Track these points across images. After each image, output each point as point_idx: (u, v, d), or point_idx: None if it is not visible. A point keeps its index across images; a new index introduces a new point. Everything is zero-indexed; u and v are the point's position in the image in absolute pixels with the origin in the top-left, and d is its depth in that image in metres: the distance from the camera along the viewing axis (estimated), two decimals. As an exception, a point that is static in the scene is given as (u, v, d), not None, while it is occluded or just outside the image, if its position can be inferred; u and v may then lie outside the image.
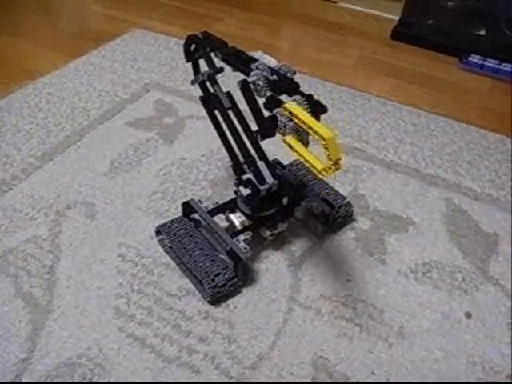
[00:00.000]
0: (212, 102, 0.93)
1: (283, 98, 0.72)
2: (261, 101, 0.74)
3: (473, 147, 1.31)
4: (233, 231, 0.91)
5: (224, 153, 1.16)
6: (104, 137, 1.24)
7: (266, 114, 0.73)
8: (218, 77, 0.90)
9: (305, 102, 0.66)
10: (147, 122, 1.31)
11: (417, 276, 0.95)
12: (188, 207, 0.95)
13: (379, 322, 0.86)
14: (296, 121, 0.65)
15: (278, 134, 0.74)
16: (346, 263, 0.96)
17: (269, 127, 0.69)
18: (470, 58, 1.66)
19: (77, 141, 1.23)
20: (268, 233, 0.93)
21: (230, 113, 0.90)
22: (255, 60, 0.76)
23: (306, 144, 0.69)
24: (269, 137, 0.72)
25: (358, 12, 2.04)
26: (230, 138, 0.93)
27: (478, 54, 1.68)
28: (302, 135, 0.68)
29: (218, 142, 0.97)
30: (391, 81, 1.60)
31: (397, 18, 1.96)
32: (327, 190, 1.03)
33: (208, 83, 0.92)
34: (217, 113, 0.95)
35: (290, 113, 0.66)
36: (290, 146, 0.69)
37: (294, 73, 0.74)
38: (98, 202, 1.06)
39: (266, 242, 0.96)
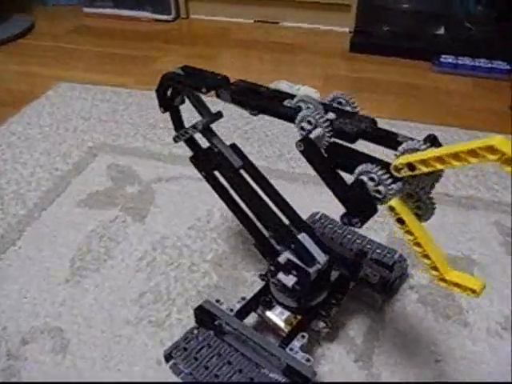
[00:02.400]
0: (210, 161, 0.67)
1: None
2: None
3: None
4: (280, 336, 0.64)
5: (216, 220, 0.90)
6: (52, 227, 0.94)
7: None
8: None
9: (423, 145, 0.42)
10: (105, 196, 1.01)
11: (512, 333, 0.73)
12: (204, 313, 0.67)
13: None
14: (423, 169, 0.41)
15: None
16: (424, 337, 0.73)
17: (362, 201, 0.44)
18: (441, 60, 1.52)
19: (15, 239, 0.91)
20: (322, 324, 0.68)
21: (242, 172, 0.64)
22: (289, 95, 0.51)
23: (425, 218, 0.45)
24: (370, 216, 0.47)
25: (304, 29, 1.87)
26: (245, 206, 0.67)
27: (444, 53, 1.55)
28: (423, 203, 0.43)
29: (204, 206, 0.71)
30: (370, 96, 1.42)
31: (347, 29, 1.81)
32: (371, 246, 0.79)
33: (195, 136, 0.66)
34: (217, 174, 0.68)
35: (411, 167, 0.41)
36: (399, 221, 0.44)
37: (354, 104, 0.50)
38: (67, 326, 0.75)
39: (320, 336, 0.70)
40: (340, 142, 0.47)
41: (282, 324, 0.65)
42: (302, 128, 0.46)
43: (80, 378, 0.67)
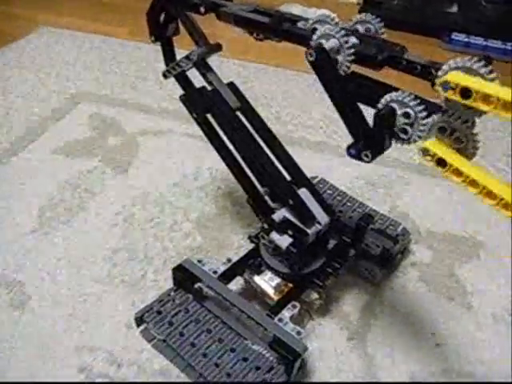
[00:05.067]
0: (204, 101, 0.58)
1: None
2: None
3: (505, 135, 1.07)
4: (268, 305, 0.57)
5: (205, 178, 0.82)
6: (22, 174, 0.85)
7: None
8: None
9: (483, 68, 0.34)
10: (84, 145, 0.92)
11: (519, 320, 0.67)
12: (184, 274, 0.59)
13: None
14: (482, 107, 0.33)
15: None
16: (424, 318, 0.66)
17: (377, 133, 0.36)
18: (453, 37, 1.44)
19: (-19, 184, 0.82)
20: (315, 295, 0.60)
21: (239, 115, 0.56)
22: (303, 18, 0.43)
23: (472, 154, 0.37)
24: (382, 151, 0.39)
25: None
26: (239, 157, 0.58)
27: (454, 31, 1.47)
28: (463, 135, 0.35)
29: (192, 163, 0.63)
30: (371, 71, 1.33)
31: (354, 0, 1.71)
32: (372, 215, 0.72)
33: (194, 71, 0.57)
34: (211, 118, 0.60)
35: (464, 92, 0.33)
36: (438, 162, 0.36)
37: (381, 29, 0.41)
38: (29, 279, 0.67)
39: (312, 309, 0.62)
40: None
41: (271, 291, 0.58)
42: (320, 44, 0.38)
43: (38, 338, 0.59)
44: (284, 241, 0.54)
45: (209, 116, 0.59)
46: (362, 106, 0.43)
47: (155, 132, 0.97)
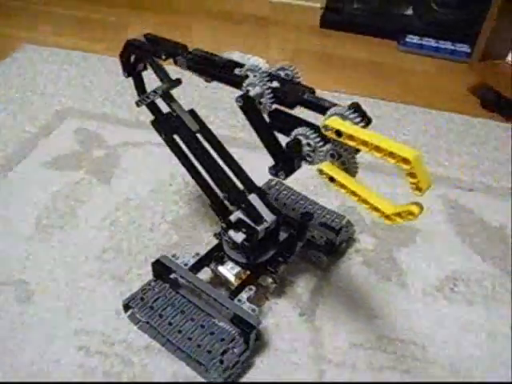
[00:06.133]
0: (170, 125, 0.70)
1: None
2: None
3: (445, 133, 1.21)
4: (229, 289, 0.70)
5: (179, 183, 0.95)
6: (18, 187, 0.96)
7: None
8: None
9: (352, 115, 0.47)
10: (71, 158, 1.04)
11: (445, 294, 0.81)
12: (161, 267, 0.72)
13: (426, 361, 0.71)
14: (349, 143, 0.46)
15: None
16: (365, 296, 0.80)
17: (290, 157, 0.49)
18: (407, 39, 1.57)
19: (-19, 198, 0.93)
20: (270, 280, 0.73)
21: (199, 137, 0.68)
22: (240, 64, 0.55)
23: (353, 173, 0.50)
24: (293, 171, 0.52)
25: (277, 3, 1.88)
26: (201, 168, 0.71)
27: (411, 33, 1.60)
28: (346, 159, 0.49)
29: (167, 170, 0.74)
30: (336, 72, 1.46)
31: (318, 5, 1.83)
32: (321, 211, 0.85)
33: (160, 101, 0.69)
34: (177, 138, 0.72)
35: (338, 133, 0.46)
36: (330, 179, 0.49)
37: (297, 74, 0.54)
38: (32, 278, 0.79)
39: (268, 291, 0.75)
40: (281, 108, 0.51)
41: (232, 278, 0.71)
42: (247, 91, 0.50)
43: (43, 325, 0.72)
44: (239, 237, 0.66)
45: (175, 136, 0.71)
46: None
47: (134, 143, 1.09)
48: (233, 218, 0.66)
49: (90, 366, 0.67)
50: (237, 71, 0.53)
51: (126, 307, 0.72)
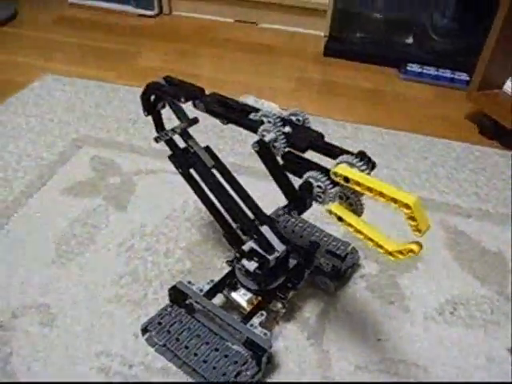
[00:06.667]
0: (186, 160, 0.76)
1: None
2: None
3: (444, 160, 1.26)
4: (241, 313, 0.74)
5: (191, 210, 1.00)
6: (38, 213, 1.01)
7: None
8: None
9: (359, 162, 0.52)
10: (88, 185, 1.09)
11: (445, 318, 0.85)
12: (177, 293, 0.76)
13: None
14: (355, 188, 0.51)
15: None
16: (369, 320, 0.84)
17: (303, 198, 0.54)
18: (408, 68, 1.63)
19: (3, 224, 0.98)
20: (279, 305, 0.78)
21: (214, 171, 0.74)
22: (254, 109, 0.61)
23: (359, 213, 0.55)
24: (305, 210, 0.57)
25: (281, 31, 1.96)
26: (216, 200, 0.76)
27: (411, 62, 1.66)
28: (353, 201, 0.54)
29: (180, 198, 0.79)
30: (339, 99, 1.52)
31: (322, 34, 1.90)
32: (327, 238, 0.90)
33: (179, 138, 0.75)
34: (193, 172, 0.77)
35: (346, 179, 0.51)
36: (339, 219, 0.54)
37: (307, 120, 0.59)
38: (53, 302, 0.83)
39: (278, 316, 0.80)
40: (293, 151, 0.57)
41: (244, 303, 0.75)
42: (263, 136, 0.56)
43: (65, 348, 0.76)
44: (252, 265, 0.71)
45: (191, 170, 0.76)
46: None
47: (148, 171, 1.14)
48: (246, 247, 0.71)
49: (111, 387, 0.71)
50: (252, 116, 0.59)
51: (144, 331, 0.76)
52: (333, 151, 0.54)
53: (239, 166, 1.16)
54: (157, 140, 0.76)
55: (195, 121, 0.72)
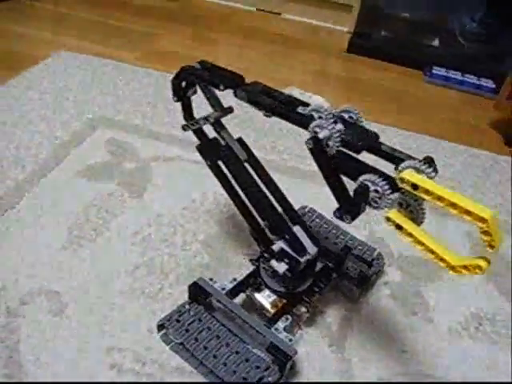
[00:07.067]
0: (215, 152, 0.72)
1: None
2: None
3: (470, 168, 1.22)
4: (264, 316, 0.70)
5: (210, 202, 0.96)
6: (51, 195, 0.97)
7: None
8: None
9: (427, 169, 0.48)
10: (103, 169, 1.05)
11: (470, 333, 0.82)
12: (198, 290, 0.72)
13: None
14: (423, 196, 0.47)
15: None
16: (392, 330, 0.80)
17: (358, 202, 0.50)
18: (433, 71, 1.59)
19: (14, 204, 0.94)
20: (303, 309, 0.74)
21: (246, 165, 0.69)
22: (302, 102, 0.56)
23: (419, 222, 0.51)
24: (358, 215, 0.53)
25: (304, 24, 1.91)
26: (245, 197, 0.72)
27: (436, 65, 1.62)
28: (415, 209, 0.50)
29: (199, 189, 0.75)
30: (360, 97, 1.48)
31: (345, 29, 1.86)
32: (352, 241, 0.86)
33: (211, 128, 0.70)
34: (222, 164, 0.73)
35: (414, 186, 0.47)
36: (397, 227, 0.50)
37: (360, 118, 0.55)
38: (64, 290, 0.79)
39: (301, 320, 0.76)
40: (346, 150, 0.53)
41: (268, 306, 0.71)
42: (316, 132, 0.52)
43: (76, 339, 0.72)
44: (281, 267, 0.67)
45: (220, 163, 0.72)
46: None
47: (166, 158, 1.10)
48: (275, 247, 0.67)
49: (123, 384, 0.67)
50: (301, 110, 0.55)
51: (161, 327, 0.72)
52: (394, 155, 0.50)
53: (261, 159, 1.11)
54: (185, 128, 0.72)
55: (230, 110, 0.68)
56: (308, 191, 1.03)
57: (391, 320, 0.82)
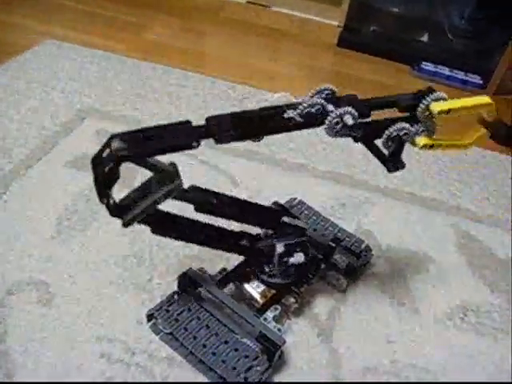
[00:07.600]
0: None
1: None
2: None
3: (457, 164, 1.23)
4: (253, 306, 0.71)
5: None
6: (39, 185, 0.96)
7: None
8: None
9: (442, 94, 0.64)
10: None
11: (455, 323, 0.84)
12: (188, 280, 0.73)
13: (438, 390, 0.73)
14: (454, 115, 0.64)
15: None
16: (379, 320, 0.82)
17: (396, 151, 0.65)
18: (422, 66, 1.60)
19: (1, 194, 0.93)
20: (292, 300, 0.75)
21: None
22: (281, 109, 0.58)
23: (432, 132, 0.68)
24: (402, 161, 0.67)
25: (294, 17, 1.91)
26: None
27: (424, 60, 1.63)
28: (430, 126, 0.67)
29: (187, 179, 0.74)
30: (348, 91, 1.48)
31: (335, 23, 1.86)
32: (341, 234, 0.87)
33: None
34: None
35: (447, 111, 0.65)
36: (430, 147, 0.68)
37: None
38: (53, 280, 0.79)
39: (289, 311, 0.77)
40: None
41: (257, 296, 0.72)
42: (337, 123, 0.62)
43: (64, 329, 0.72)
44: (300, 257, 0.71)
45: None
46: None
47: (155, 150, 1.09)
48: (278, 248, 0.68)
49: (111, 375, 0.67)
50: (290, 113, 0.56)
51: (150, 317, 0.72)
52: (400, 101, 0.67)
53: (251, 152, 1.12)
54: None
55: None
56: (297, 183, 1.03)
57: (378, 311, 0.83)
